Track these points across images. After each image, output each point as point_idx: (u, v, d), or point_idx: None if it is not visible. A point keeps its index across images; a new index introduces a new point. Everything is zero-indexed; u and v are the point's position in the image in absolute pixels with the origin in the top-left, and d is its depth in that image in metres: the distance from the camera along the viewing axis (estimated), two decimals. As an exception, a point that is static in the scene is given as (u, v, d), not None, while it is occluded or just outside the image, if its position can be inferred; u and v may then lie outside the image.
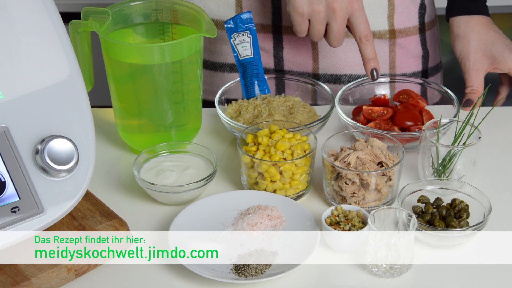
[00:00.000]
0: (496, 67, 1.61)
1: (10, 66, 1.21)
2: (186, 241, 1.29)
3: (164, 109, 1.45)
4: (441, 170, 1.40)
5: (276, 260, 1.27)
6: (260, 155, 1.37)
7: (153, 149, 1.44)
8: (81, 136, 1.24)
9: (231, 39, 1.55)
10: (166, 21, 1.51)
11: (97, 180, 1.44)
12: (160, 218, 1.37)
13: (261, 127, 1.44)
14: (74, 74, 1.26)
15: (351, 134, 1.43)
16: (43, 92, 1.23)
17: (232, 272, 1.25)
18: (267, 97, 1.56)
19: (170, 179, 1.39)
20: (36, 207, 1.19)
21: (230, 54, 1.71)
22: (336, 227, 1.29)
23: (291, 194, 1.39)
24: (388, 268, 1.25)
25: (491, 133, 1.54)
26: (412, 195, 1.36)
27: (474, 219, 1.32)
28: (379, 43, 1.68)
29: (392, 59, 1.70)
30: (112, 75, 1.46)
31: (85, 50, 1.46)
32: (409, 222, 1.26)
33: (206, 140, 1.55)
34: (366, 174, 1.33)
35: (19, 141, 1.20)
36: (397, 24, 1.68)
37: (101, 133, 1.56)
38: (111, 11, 1.46)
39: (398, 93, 1.59)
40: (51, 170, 1.20)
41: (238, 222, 1.33)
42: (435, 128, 1.42)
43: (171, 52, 1.41)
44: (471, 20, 1.64)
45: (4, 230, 1.17)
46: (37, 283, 1.20)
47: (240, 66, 1.57)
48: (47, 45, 1.24)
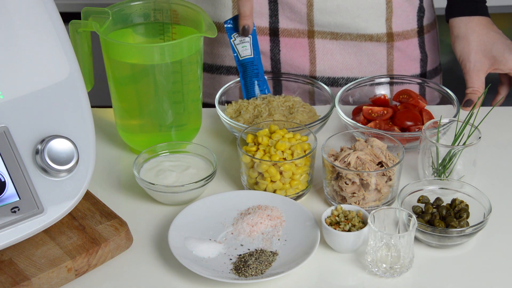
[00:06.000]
0: (496, 67, 1.61)
1: (10, 66, 1.21)
2: (186, 241, 1.29)
3: (164, 109, 1.45)
4: (441, 170, 1.40)
5: (276, 260, 1.27)
6: (260, 155, 1.37)
7: (153, 149, 1.44)
8: (81, 136, 1.24)
9: (231, 39, 1.55)
10: (166, 21, 1.51)
11: (97, 180, 1.44)
12: (160, 218, 1.37)
13: (261, 127, 1.44)
14: (74, 74, 1.26)
15: (351, 134, 1.43)
16: (43, 92, 1.23)
17: (232, 272, 1.25)
18: (267, 97, 1.56)
19: (170, 179, 1.39)
20: (36, 207, 1.19)
21: (228, 57, 1.71)
22: (336, 227, 1.29)
23: (291, 194, 1.39)
24: (388, 268, 1.25)
25: (491, 133, 1.54)
26: (412, 195, 1.36)
27: (474, 219, 1.32)
28: (377, 46, 1.68)
29: (390, 62, 1.69)
30: (112, 75, 1.46)
31: (85, 50, 1.46)
32: (409, 222, 1.26)
33: (206, 140, 1.55)
34: (366, 174, 1.33)
35: (19, 141, 1.20)
36: (395, 27, 1.68)
37: (101, 133, 1.57)
38: (111, 11, 1.46)
39: (398, 93, 1.59)
40: (51, 170, 1.20)
41: (238, 222, 1.33)
42: (435, 128, 1.42)
43: (171, 52, 1.41)
44: (471, 21, 1.64)
45: (4, 230, 1.17)
46: (37, 283, 1.20)
47: (240, 66, 1.57)
48: (47, 45, 1.24)
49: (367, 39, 1.67)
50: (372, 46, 1.67)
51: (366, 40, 1.67)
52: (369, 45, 1.67)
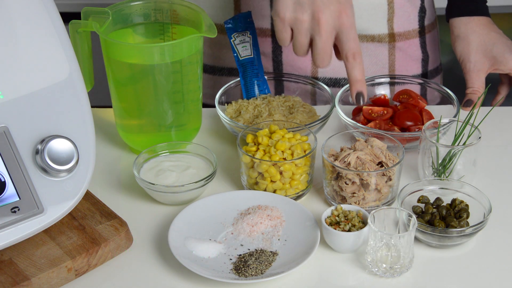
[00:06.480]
0: (496, 67, 1.61)
1: (10, 66, 1.21)
2: (186, 241, 1.29)
3: (164, 109, 1.45)
4: (441, 170, 1.40)
5: (276, 260, 1.27)
6: (260, 155, 1.37)
7: (153, 149, 1.44)
8: (81, 136, 1.24)
9: (231, 39, 1.55)
10: (166, 21, 1.51)
11: (97, 180, 1.44)
12: (160, 218, 1.37)
13: (261, 127, 1.44)
14: (74, 74, 1.26)
15: (351, 134, 1.43)
16: (43, 92, 1.23)
17: (232, 272, 1.25)
18: (267, 97, 1.56)
19: (170, 179, 1.39)
20: (36, 207, 1.19)
21: (229, 59, 1.70)
22: (336, 227, 1.29)
23: (291, 194, 1.39)
24: (388, 268, 1.25)
25: (491, 133, 1.54)
26: (412, 195, 1.36)
27: (474, 219, 1.32)
28: (379, 46, 1.67)
29: (391, 62, 1.69)
30: (112, 75, 1.46)
31: (85, 50, 1.46)
32: (409, 222, 1.26)
33: (206, 140, 1.55)
34: (366, 174, 1.33)
35: (19, 141, 1.20)
36: (397, 28, 1.67)
37: (101, 133, 1.57)
38: (111, 11, 1.46)
39: (398, 93, 1.59)
40: (51, 170, 1.20)
41: (238, 222, 1.33)
42: (435, 128, 1.42)
43: (171, 52, 1.41)
44: (471, 21, 1.64)
45: (4, 230, 1.17)
46: (37, 283, 1.20)
47: (240, 66, 1.57)
48: (47, 45, 1.24)
49: (368, 40, 1.67)
50: (374, 47, 1.67)
51: (368, 41, 1.67)
52: (370, 45, 1.67)
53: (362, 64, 1.36)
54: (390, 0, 1.64)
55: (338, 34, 1.34)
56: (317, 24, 1.32)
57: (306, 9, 1.32)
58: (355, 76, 1.36)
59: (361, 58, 1.35)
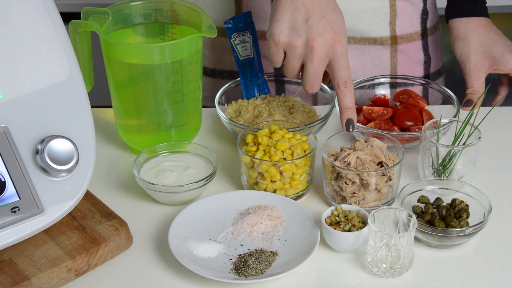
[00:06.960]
0: (496, 68, 1.61)
1: (10, 66, 1.21)
2: (186, 241, 1.29)
3: (164, 109, 1.45)
4: (441, 170, 1.40)
5: (276, 260, 1.27)
6: (260, 155, 1.37)
7: (153, 149, 1.44)
8: (81, 136, 1.24)
9: (231, 39, 1.55)
10: (166, 21, 1.51)
11: (97, 180, 1.44)
12: (160, 218, 1.37)
13: (261, 127, 1.44)
14: (74, 74, 1.26)
15: (351, 134, 1.43)
16: (43, 92, 1.23)
17: (232, 272, 1.25)
18: (267, 97, 1.56)
19: (170, 179, 1.39)
20: (36, 207, 1.19)
21: (229, 62, 1.70)
22: (336, 227, 1.29)
23: (291, 194, 1.39)
24: (388, 268, 1.25)
25: (491, 133, 1.54)
26: (412, 195, 1.36)
27: (474, 219, 1.32)
28: (381, 49, 1.67)
29: (394, 65, 1.69)
30: (112, 75, 1.46)
31: (85, 50, 1.46)
32: (409, 222, 1.26)
33: (206, 140, 1.55)
34: (366, 174, 1.33)
35: (19, 141, 1.20)
36: (399, 30, 1.67)
37: (101, 133, 1.57)
38: (111, 11, 1.46)
39: (398, 93, 1.59)
40: (51, 170, 1.20)
41: (238, 222, 1.33)
42: (435, 128, 1.42)
43: (171, 52, 1.41)
44: (471, 22, 1.64)
45: (4, 230, 1.17)
46: (37, 283, 1.20)
47: (240, 66, 1.57)
48: (47, 45, 1.24)
49: (371, 43, 1.67)
50: (376, 49, 1.67)
51: (370, 44, 1.67)
52: (373, 48, 1.67)
53: (352, 92, 1.38)
54: (392, 3, 1.64)
55: (330, 62, 1.36)
56: (310, 51, 1.34)
57: (301, 35, 1.34)
58: (346, 103, 1.38)
59: (352, 86, 1.38)
